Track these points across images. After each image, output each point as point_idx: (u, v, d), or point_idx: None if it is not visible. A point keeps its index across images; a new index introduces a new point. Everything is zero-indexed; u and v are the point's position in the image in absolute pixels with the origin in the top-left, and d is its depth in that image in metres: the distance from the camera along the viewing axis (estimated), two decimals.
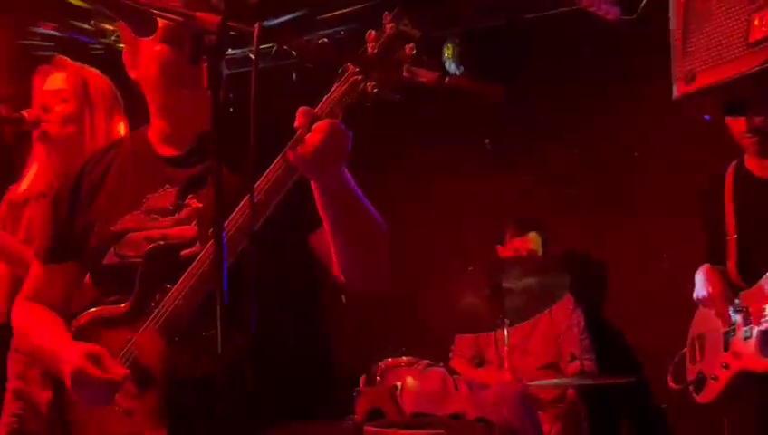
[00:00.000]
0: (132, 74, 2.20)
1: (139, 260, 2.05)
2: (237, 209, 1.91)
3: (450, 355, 4.79)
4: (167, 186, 2.12)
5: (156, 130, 2.19)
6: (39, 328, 2.20)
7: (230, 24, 1.90)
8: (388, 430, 3.25)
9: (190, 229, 2.05)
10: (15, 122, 3.04)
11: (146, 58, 2.12)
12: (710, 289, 3.52)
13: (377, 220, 2.01)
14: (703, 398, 3.52)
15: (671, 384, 3.71)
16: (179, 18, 1.95)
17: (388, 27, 1.81)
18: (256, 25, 1.93)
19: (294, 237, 2.07)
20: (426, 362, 3.75)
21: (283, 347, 2.05)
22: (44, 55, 3.23)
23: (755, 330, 3.30)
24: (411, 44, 1.80)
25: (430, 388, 3.40)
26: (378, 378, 3.99)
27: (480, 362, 4.75)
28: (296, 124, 1.81)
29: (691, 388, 3.59)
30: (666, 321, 4.29)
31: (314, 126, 1.78)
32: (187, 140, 2.12)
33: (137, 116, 2.38)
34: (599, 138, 5.10)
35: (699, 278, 3.62)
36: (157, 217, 2.10)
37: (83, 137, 3.02)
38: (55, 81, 3.06)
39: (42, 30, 5.06)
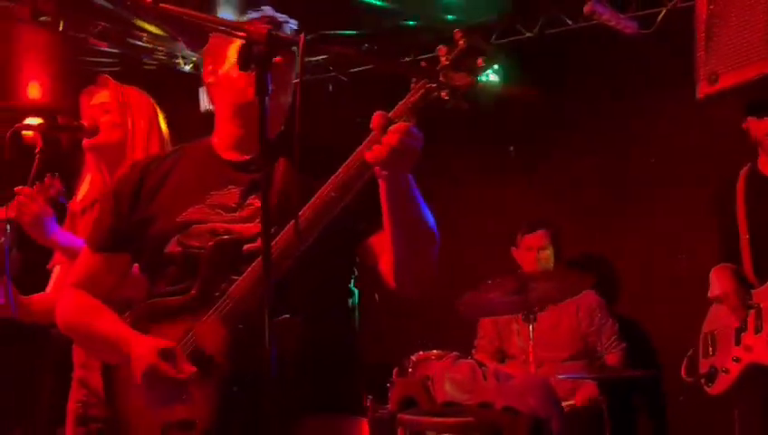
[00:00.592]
0: (209, 78, 2.21)
1: (201, 251, 2.04)
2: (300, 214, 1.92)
3: (473, 350, 4.78)
4: (230, 186, 2.11)
5: (223, 136, 2.20)
6: (96, 315, 2.17)
7: (276, 35, 1.94)
8: (421, 417, 3.28)
9: (253, 227, 2.03)
10: (75, 130, 3.07)
11: (222, 78, 2.15)
12: (725, 287, 3.51)
13: (433, 227, 1.99)
14: (714, 390, 3.52)
15: (684, 377, 3.70)
16: (230, 30, 2.00)
17: (460, 42, 1.83)
18: (300, 36, 1.97)
19: (347, 239, 2.07)
20: (455, 354, 3.78)
21: (324, 342, 2.02)
22: (101, 70, 3.26)
23: (765, 325, 3.30)
24: (481, 58, 1.81)
25: (460, 378, 3.42)
26: (409, 370, 4.03)
27: (502, 357, 4.74)
28: (372, 126, 1.81)
29: (703, 381, 3.58)
30: (682, 318, 4.27)
31: (391, 128, 1.79)
32: (253, 147, 2.10)
33: None
34: (618, 143, 5.09)
35: (714, 277, 3.61)
36: (220, 213, 2.09)
37: (126, 143, 3.04)
38: (100, 96, 3.07)
39: (98, 47, 5.11)
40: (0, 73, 5.22)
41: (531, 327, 4.12)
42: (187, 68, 5.59)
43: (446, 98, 1.82)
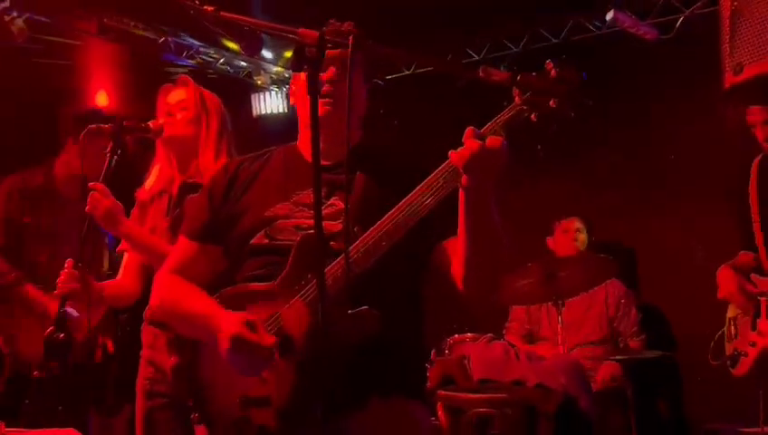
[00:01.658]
0: (292, 101, 2.25)
1: (286, 243, 2.05)
2: (383, 219, 1.92)
3: (504, 332, 4.76)
4: (313, 186, 2.13)
5: (306, 145, 2.20)
6: (190, 296, 2.16)
7: (327, 37, 1.93)
8: (459, 393, 3.28)
9: (335, 225, 2.03)
10: (140, 131, 3.09)
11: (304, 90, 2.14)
12: (729, 289, 3.48)
13: (504, 238, 1.95)
14: (737, 372, 3.47)
15: (711, 361, 3.65)
16: (284, 33, 2.00)
17: (553, 72, 1.81)
18: (350, 37, 1.97)
19: (423, 241, 2.04)
20: (489, 335, 3.77)
21: (395, 331, 1.99)
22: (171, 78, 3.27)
23: None
24: (569, 86, 1.79)
25: (494, 357, 3.40)
26: (446, 351, 4.02)
27: (531, 339, 4.72)
28: (464, 138, 1.80)
29: (728, 363, 3.53)
30: (698, 304, 4.22)
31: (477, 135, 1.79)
32: (333, 154, 2.09)
33: None
34: (639, 141, 5.05)
35: (720, 279, 3.57)
36: (304, 210, 2.10)
37: (199, 139, 3.05)
38: (178, 94, 3.07)
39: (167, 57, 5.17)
40: (72, 83, 5.30)
41: (560, 312, 4.10)
42: (242, 75, 5.67)
43: (535, 120, 1.82)
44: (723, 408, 4.35)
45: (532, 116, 1.81)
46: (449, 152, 1.82)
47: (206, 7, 2.02)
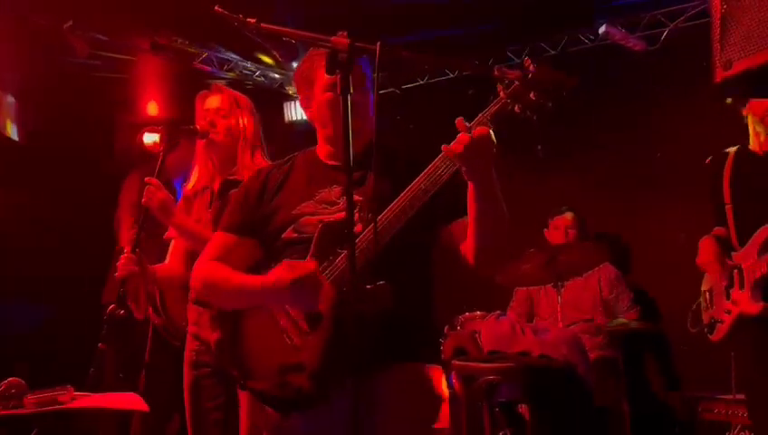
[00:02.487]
0: (307, 114, 2.27)
1: (312, 234, 2.06)
2: (395, 202, 1.95)
3: (508, 310, 4.75)
4: (333, 185, 2.14)
5: (323, 150, 2.23)
6: (236, 274, 2.17)
7: (357, 44, 1.93)
8: (471, 363, 3.28)
9: (354, 215, 1.98)
10: (191, 133, 3.10)
11: (317, 103, 2.19)
12: (707, 257, 3.45)
13: (507, 217, 1.98)
14: (714, 338, 3.44)
15: (690, 328, 3.63)
16: (319, 41, 1.99)
17: (532, 68, 1.83)
18: (378, 44, 1.96)
19: (432, 223, 2.06)
20: (497, 312, 3.77)
21: (409, 303, 2.01)
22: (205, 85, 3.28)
23: (747, 282, 3.24)
24: (548, 82, 1.82)
25: (502, 331, 3.40)
26: (458, 327, 4.03)
27: (531, 318, 4.70)
28: (457, 126, 1.84)
29: (705, 330, 3.51)
30: (681, 284, 4.19)
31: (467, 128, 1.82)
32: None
33: None
34: (629, 141, 5.01)
35: (701, 247, 3.54)
36: (326, 206, 2.12)
37: (238, 143, 3.06)
38: (214, 101, 3.06)
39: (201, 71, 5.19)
40: (126, 94, 5.34)
41: (559, 293, 4.10)
42: (274, 86, 5.68)
43: (518, 112, 1.85)
44: (702, 375, 4.32)
45: (516, 108, 1.84)
46: (442, 146, 1.85)
47: (248, 20, 2.02)
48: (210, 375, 2.93)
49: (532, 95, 1.82)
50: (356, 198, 2.04)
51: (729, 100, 3.24)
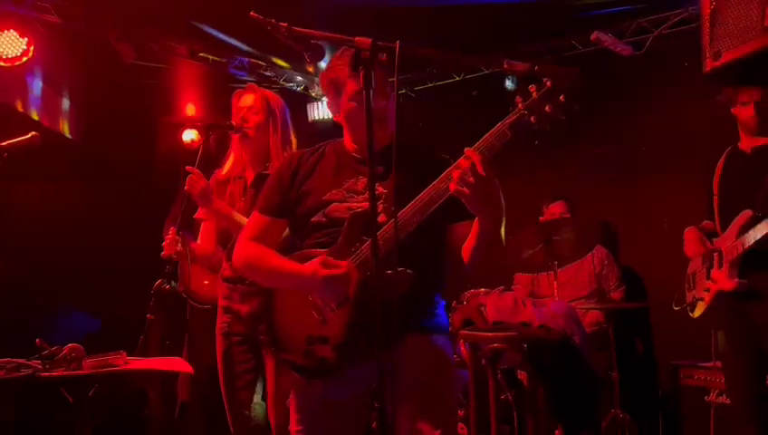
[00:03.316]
0: (336, 119, 2.23)
1: (340, 220, 2.06)
2: (414, 201, 1.94)
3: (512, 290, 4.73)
4: (360, 176, 2.12)
5: (350, 145, 2.21)
6: (274, 256, 2.16)
7: (378, 43, 1.91)
8: (478, 333, 3.27)
9: (378, 206, 2.02)
10: (226, 128, 3.10)
11: (344, 111, 2.16)
12: (695, 251, 3.41)
13: (501, 246, 1.96)
14: (695, 314, 3.42)
15: (674, 307, 3.61)
16: (345, 42, 1.97)
17: (548, 83, 1.82)
18: (397, 43, 1.94)
19: (445, 218, 2.04)
20: (501, 287, 3.74)
21: (425, 284, 2.03)
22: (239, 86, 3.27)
23: (726, 262, 3.21)
24: (563, 95, 1.80)
25: (505, 304, 3.38)
26: (464, 302, 4.01)
27: (533, 296, 4.68)
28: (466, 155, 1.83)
29: (688, 308, 3.49)
30: (665, 265, 4.16)
31: (468, 177, 1.79)
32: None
33: None
34: (617, 136, 4.98)
35: (686, 239, 3.51)
36: (353, 195, 2.10)
37: (268, 137, 3.05)
38: (247, 99, 3.06)
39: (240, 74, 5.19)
40: (167, 98, 5.35)
41: (556, 273, 4.07)
42: (299, 89, 5.68)
43: (534, 122, 1.83)
44: (683, 346, 4.29)
45: (532, 118, 1.82)
46: (450, 185, 1.83)
47: (281, 24, 2.01)
48: (240, 343, 2.95)
49: (547, 108, 1.80)
50: (380, 190, 2.05)
51: (720, 97, 3.19)
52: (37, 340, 2.45)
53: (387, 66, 2.02)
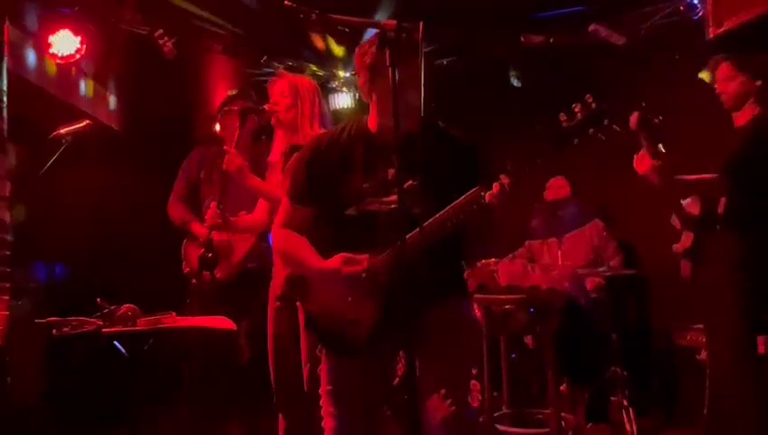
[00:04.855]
0: (365, 96, 2.14)
1: (380, 216, 1.98)
2: (448, 209, 1.92)
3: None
4: (388, 166, 1.99)
5: (375, 129, 2.09)
6: (303, 247, 2.11)
7: (403, 24, 1.88)
8: (490, 296, 3.26)
9: (411, 200, 1.92)
10: (260, 112, 3.09)
11: (377, 90, 2.07)
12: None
13: None
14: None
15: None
16: (373, 25, 1.95)
17: (593, 105, 1.88)
18: (420, 23, 1.91)
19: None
20: (511, 255, 3.73)
21: (447, 269, 2.03)
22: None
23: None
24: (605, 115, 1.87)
25: (516, 270, 3.36)
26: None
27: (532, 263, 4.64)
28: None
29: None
30: (656, 236, 4.10)
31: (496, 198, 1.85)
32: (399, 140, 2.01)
33: None
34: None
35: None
36: (384, 187, 1.99)
37: (297, 118, 3.02)
38: (278, 85, 3.03)
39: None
40: (204, 90, 5.35)
41: (560, 244, 4.04)
42: (321, 80, 5.65)
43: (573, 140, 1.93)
44: (675, 309, 4.25)
45: (575, 139, 1.93)
46: (486, 194, 1.87)
47: (312, 11, 1.99)
48: (288, 307, 2.91)
49: (591, 131, 1.89)
50: (411, 181, 1.93)
51: (704, 76, 3.10)
52: (98, 299, 2.47)
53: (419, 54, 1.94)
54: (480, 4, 4.31)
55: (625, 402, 3.51)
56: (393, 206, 1.93)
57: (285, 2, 2.04)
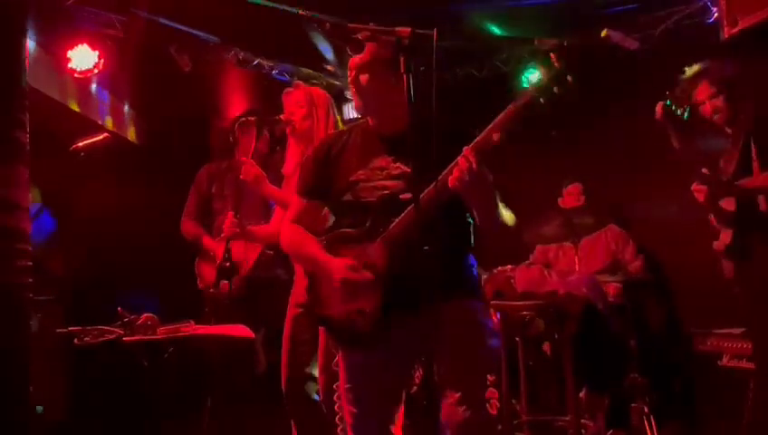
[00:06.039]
0: (358, 108, 2.22)
1: (368, 199, 2.05)
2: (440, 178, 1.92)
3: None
4: (384, 155, 2.09)
5: (374, 126, 2.19)
6: (306, 243, 2.17)
7: (417, 31, 1.90)
8: (508, 302, 3.25)
9: (401, 183, 2.03)
10: (276, 123, 3.12)
11: (363, 97, 2.14)
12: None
13: (500, 230, 1.98)
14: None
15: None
16: (386, 32, 1.96)
17: (558, 63, 1.78)
18: (434, 30, 1.92)
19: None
20: (528, 261, 3.71)
21: (454, 258, 2.03)
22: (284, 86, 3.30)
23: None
24: (571, 76, 1.78)
25: (533, 276, 3.35)
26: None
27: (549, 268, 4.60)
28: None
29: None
30: (673, 240, 4.07)
31: (464, 176, 1.81)
32: (390, 130, 2.12)
33: None
34: (626, 126, 4.86)
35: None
36: (378, 173, 2.08)
37: (313, 128, 3.05)
38: (294, 96, 3.07)
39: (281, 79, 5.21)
40: (219, 102, 5.39)
41: (576, 250, 4.02)
42: (335, 90, 5.69)
43: (543, 103, 1.81)
44: (696, 313, 4.19)
45: (541, 100, 1.79)
46: (449, 178, 1.84)
47: (326, 21, 2.00)
48: (305, 315, 2.92)
49: (556, 89, 1.78)
50: (403, 168, 2.04)
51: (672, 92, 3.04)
52: (119, 308, 2.49)
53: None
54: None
55: (646, 409, 3.47)
56: (386, 192, 2.02)
57: (300, 11, 2.06)
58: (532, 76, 4.76)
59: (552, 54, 1.83)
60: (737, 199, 2.86)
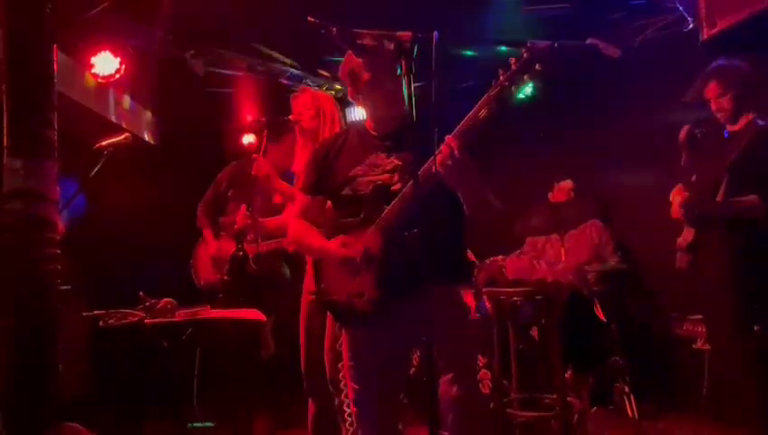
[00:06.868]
0: (357, 103, 2.25)
1: (365, 193, 2.07)
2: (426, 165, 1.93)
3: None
4: (378, 152, 2.12)
5: (370, 125, 2.21)
6: (308, 234, 2.21)
7: (418, 35, 1.89)
8: (500, 289, 3.25)
9: (395, 176, 2.05)
10: (284, 123, 3.12)
11: (361, 95, 2.17)
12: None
13: (490, 210, 1.97)
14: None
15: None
16: (388, 36, 1.95)
17: (525, 54, 1.79)
18: (434, 33, 1.92)
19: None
20: (518, 251, 3.71)
21: (445, 241, 2.02)
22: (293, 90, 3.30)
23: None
24: (539, 64, 1.79)
25: (523, 265, 3.35)
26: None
27: (537, 258, 4.59)
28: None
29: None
30: (650, 233, 4.06)
31: (447, 161, 1.81)
32: (387, 128, 2.14)
33: None
34: (609, 125, 4.86)
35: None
36: (374, 169, 2.10)
37: (319, 129, 3.06)
38: (302, 98, 3.08)
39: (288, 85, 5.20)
40: (232, 106, 5.39)
41: (563, 242, 4.01)
42: (339, 95, 5.68)
43: (514, 91, 1.82)
44: (672, 301, 4.20)
45: (513, 89, 1.80)
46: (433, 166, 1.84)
47: (332, 26, 2.00)
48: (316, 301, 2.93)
49: (526, 77, 1.79)
50: (396, 162, 2.05)
51: (685, 98, 3.05)
52: (141, 293, 2.49)
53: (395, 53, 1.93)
54: None
55: (627, 389, 3.47)
56: (379, 183, 2.04)
57: (308, 18, 2.06)
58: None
59: (522, 49, 1.84)
60: (702, 210, 2.91)
